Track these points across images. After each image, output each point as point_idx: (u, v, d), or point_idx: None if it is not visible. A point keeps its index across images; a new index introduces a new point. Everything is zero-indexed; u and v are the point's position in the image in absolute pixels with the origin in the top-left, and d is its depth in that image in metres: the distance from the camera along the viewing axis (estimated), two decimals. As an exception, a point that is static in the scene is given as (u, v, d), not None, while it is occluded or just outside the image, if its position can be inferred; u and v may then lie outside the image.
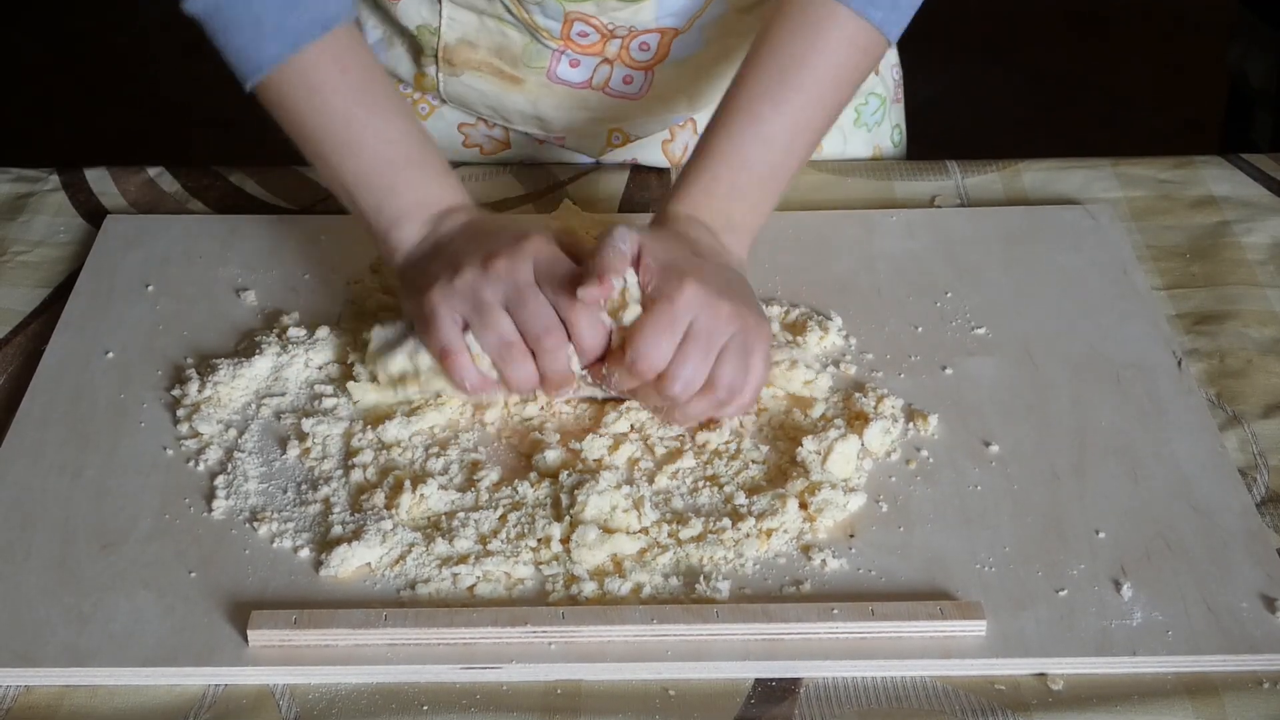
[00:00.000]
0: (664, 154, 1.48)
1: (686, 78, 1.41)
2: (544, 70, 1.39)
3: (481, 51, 1.40)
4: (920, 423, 1.14)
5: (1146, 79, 3.58)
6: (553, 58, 1.38)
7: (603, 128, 1.44)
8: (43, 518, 1.08)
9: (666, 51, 1.38)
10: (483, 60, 1.40)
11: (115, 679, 0.98)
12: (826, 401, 1.15)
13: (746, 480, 1.09)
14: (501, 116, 1.45)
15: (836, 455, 1.09)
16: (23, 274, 1.34)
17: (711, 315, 1.08)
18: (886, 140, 1.52)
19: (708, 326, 1.08)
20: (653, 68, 1.39)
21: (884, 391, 1.16)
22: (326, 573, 1.03)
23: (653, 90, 1.41)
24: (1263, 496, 1.10)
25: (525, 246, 1.10)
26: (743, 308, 1.10)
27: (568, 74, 1.39)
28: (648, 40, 1.36)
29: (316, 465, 1.12)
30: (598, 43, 1.36)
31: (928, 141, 1.37)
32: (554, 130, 1.45)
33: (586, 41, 1.36)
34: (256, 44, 1.17)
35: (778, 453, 1.12)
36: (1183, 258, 1.34)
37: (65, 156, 1.56)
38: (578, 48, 1.37)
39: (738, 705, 0.96)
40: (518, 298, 1.09)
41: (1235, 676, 0.97)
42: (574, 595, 1.02)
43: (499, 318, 1.09)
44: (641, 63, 1.38)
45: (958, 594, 1.02)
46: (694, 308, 1.08)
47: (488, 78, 1.41)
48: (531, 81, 1.40)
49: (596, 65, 1.39)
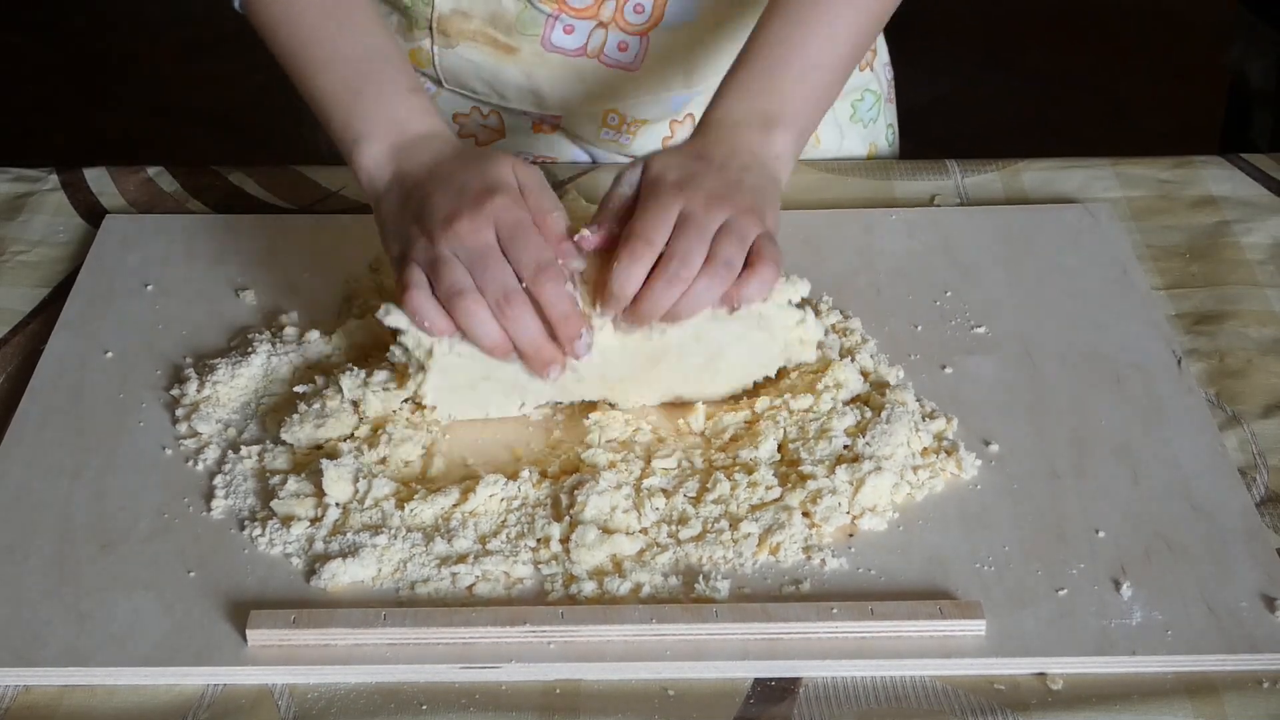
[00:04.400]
0: (663, 149, 1.48)
1: (681, 47, 1.41)
2: (538, 38, 1.40)
3: (475, 21, 1.40)
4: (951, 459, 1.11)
5: (1146, 79, 3.58)
6: (547, 23, 1.39)
7: (598, 107, 1.45)
8: (42, 518, 1.08)
9: (661, 14, 1.38)
10: (477, 30, 1.40)
11: (114, 679, 0.98)
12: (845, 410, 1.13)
13: (753, 498, 1.08)
14: (497, 93, 1.45)
15: (868, 488, 1.07)
16: (22, 274, 1.34)
17: (700, 205, 1.08)
18: (881, 138, 1.52)
19: (697, 214, 1.08)
20: (648, 33, 1.39)
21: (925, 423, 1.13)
22: (317, 583, 1.03)
23: (648, 60, 1.41)
24: (1262, 496, 1.10)
25: (486, 206, 1.09)
26: (738, 199, 1.09)
27: (562, 40, 1.40)
28: (642, 2, 1.37)
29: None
30: (592, 5, 1.37)
31: (927, 141, 1.37)
32: (550, 107, 1.45)
33: (581, 4, 1.37)
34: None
35: (789, 481, 1.09)
36: (1182, 257, 1.34)
37: (65, 156, 1.56)
38: (572, 11, 1.37)
39: (737, 705, 0.96)
40: (475, 258, 1.08)
41: (1235, 676, 0.97)
42: (573, 595, 1.02)
43: (452, 270, 1.07)
44: (636, 26, 1.39)
45: (957, 593, 1.02)
46: (680, 201, 1.08)
47: (483, 48, 1.41)
48: (526, 50, 1.41)
49: (591, 30, 1.39)
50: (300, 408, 1.13)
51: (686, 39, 1.41)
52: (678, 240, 1.08)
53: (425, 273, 1.09)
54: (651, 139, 1.47)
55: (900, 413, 1.11)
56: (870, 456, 1.08)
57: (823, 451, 1.09)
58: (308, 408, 1.13)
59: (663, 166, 1.13)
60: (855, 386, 1.15)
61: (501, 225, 1.08)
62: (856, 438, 1.10)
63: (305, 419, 1.12)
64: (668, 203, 1.09)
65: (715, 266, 1.08)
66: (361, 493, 1.07)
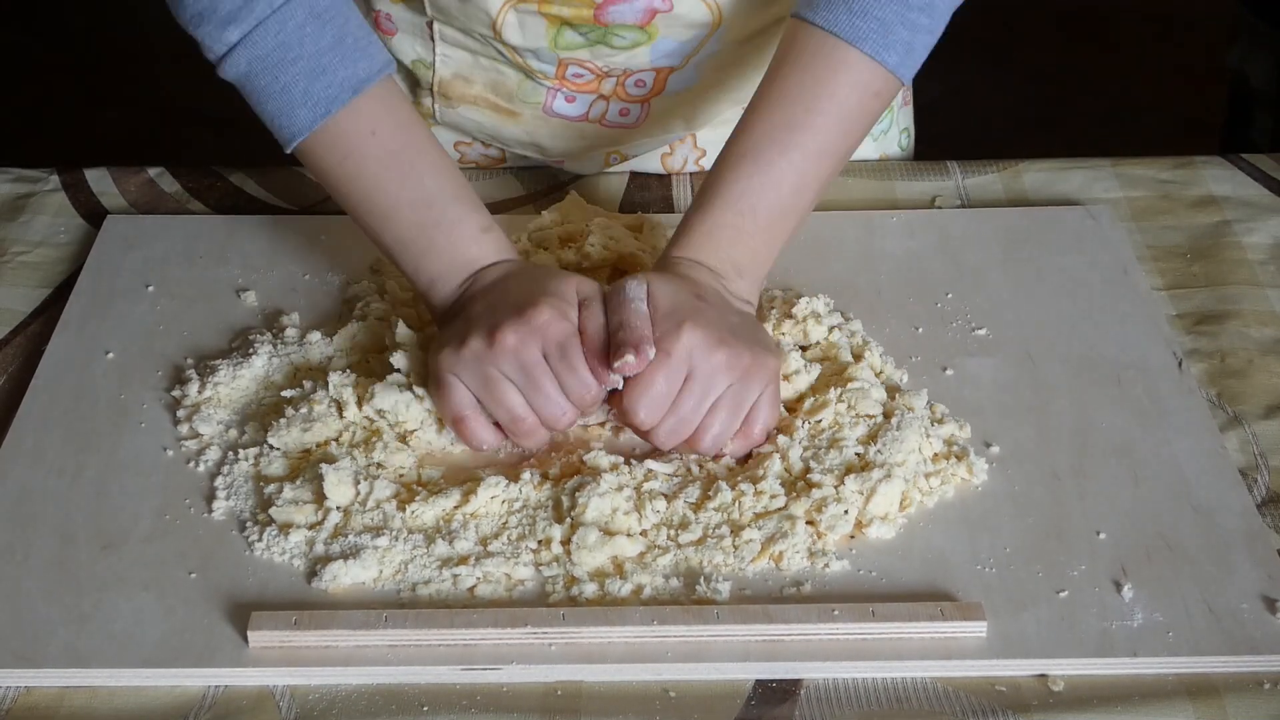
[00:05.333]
0: (663, 165, 1.48)
1: (684, 106, 1.40)
2: (540, 105, 1.39)
3: (477, 87, 1.39)
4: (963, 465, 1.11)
5: (1146, 79, 3.58)
6: (548, 94, 1.38)
7: (600, 151, 1.44)
8: (43, 518, 1.08)
9: (662, 87, 1.37)
10: (478, 95, 1.40)
11: (115, 680, 0.98)
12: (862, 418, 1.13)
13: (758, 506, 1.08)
14: (499, 142, 1.45)
15: (879, 497, 1.07)
16: (23, 274, 1.34)
17: (708, 364, 1.08)
18: (894, 146, 1.51)
19: (704, 375, 1.08)
20: (649, 100, 1.39)
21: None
22: (318, 585, 1.03)
23: (649, 119, 1.41)
24: (1263, 497, 1.10)
25: (533, 319, 1.08)
26: (743, 352, 1.09)
27: (564, 109, 1.39)
28: (643, 78, 1.36)
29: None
30: (592, 82, 1.36)
31: (928, 142, 1.37)
32: (552, 155, 1.45)
33: (581, 81, 1.36)
34: (288, 112, 1.16)
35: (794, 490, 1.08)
36: (1183, 258, 1.34)
37: (65, 156, 1.56)
38: (573, 86, 1.37)
39: (738, 706, 0.96)
40: (526, 379, 1.08)
41: (1236, 677, 0.97)
42: (574, 596, 1.02)
43: (506, 394, 1.09)
44: (637, 97, 1.38)
45: (958, 595, 1.02)
46: (690, 358, 1.08)
47: (484, 110, 1.41)
48: (528, 115, 1.40)
49: (592, 101, 1.38)
50: (288, 412, 1.14)
51: (690, 99, 1.40)
52: (671, 414, 1.08)
53: (473, 391, 1.09)
54: (651, 161, 1.47)
55: (911, 419, 1.11)
56: (881, 464, 1.08)
57: (832, 461, 1.09)
58: (295, 412, 1.13)
59: (670, 304, 1.11)
60: (878, 397, 1.14)
61: (548, 343, 1.08)
62: (868, 445, 1.10)
63: (293, 423, 1.12)
64: (675, 367, 1.08)
65: (702, 445, 1.09)
66: (363, 495, 1.07)
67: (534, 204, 1.41)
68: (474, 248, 1.17)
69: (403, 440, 1.13)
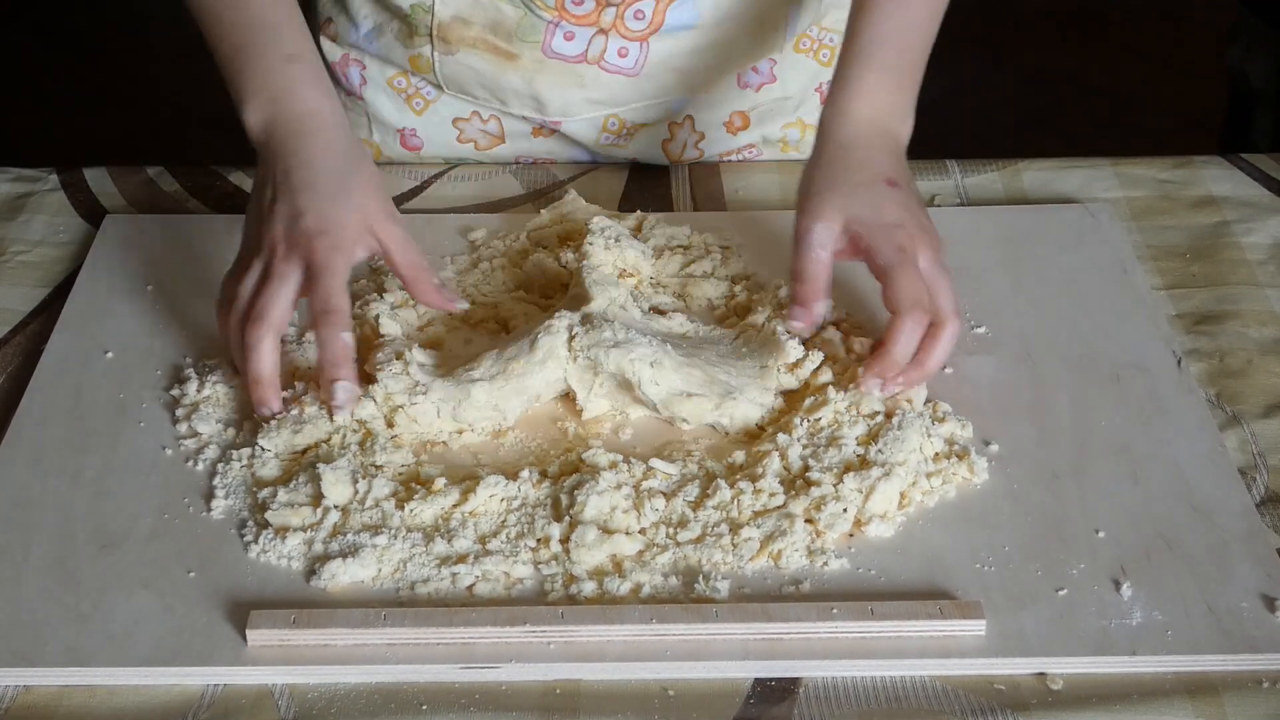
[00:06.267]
0: (664, 152, 1.48)
1: (681, 53, 1.41)
2: (539, 44, 1.39)
3: (475, 28, 1.40)
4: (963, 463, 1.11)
5: (1146, 79, 3.58)
6: (547, 30, 1.39)
7: (598, 113, 1.44)
8: (42, 518, 1.08)
9: (662, 20, 1.38)
10: (477, 36, 1.40)
11: (114, 679, 0.98)
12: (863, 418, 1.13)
13: (757, 504, 1.08)
14: (497, 99, 1.45)
15: (878, 495, 1.07)
16: (22, 274, 1.34)
17: (921, 264, 1.13)
18: None
19: (927, 273, 1.14)
20: (648, 39, 1.39)
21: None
22: (317, 583, 1.03)
23: (648, 66, 1.41)
24: (1262, 496, 1.10)
25: (304, 244, 1.12)
26: (934, 235, 1.16)
27: (563, 47, 1.40)
28: (643, 8, 1.37)
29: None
30: (593, 11, 1.37)
31: (928, 142, 1.37)
32: (550, 113, 1.45)
33: (581, 10, 1.37)
34: None
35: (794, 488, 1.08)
36: (1183, 258, 1.34)
37: (65, 156, 1.56)
38: (572, 18, 1.37)
39: (737, 705, 0.96)
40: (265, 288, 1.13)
41: (1235, 676, 0.97)
42: (573, 595, 1.02)
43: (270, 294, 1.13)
44: (637, 32, 1.39)
45: (957, 593, 1.02)
46: (913, 261, 1.13)
47: (483, 55, 1.41)
48: (526, 56, 1.41)
49: (591, 36, 1.39)
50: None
51: (687, 45, 1.41)
52: (941, 299, 1.14)
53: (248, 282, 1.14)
54: (650, 142, 1.47)
55: (912, 418, 1.11)
56: (881, 463, 1.08)
57: (832, 459, 1.09)
58: (285, 413, 1.13)
59: (872, 216, 1.15)
60: (878, 395, 1.14)
61: (312, 265, 1.12)
62: (869, 445, 1.10)
63: (283, 425, 1.12)
64: (913, 271, 1.13)
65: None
66: (361, 493, 1.07)
67: (533, 203, 1.41)
68: (277, 78, 1.18)
69: (389, 423, 1.13)
